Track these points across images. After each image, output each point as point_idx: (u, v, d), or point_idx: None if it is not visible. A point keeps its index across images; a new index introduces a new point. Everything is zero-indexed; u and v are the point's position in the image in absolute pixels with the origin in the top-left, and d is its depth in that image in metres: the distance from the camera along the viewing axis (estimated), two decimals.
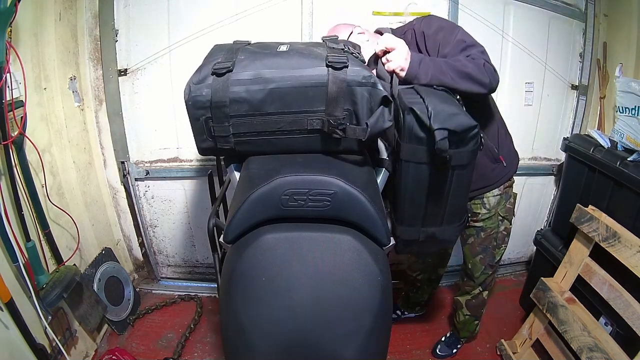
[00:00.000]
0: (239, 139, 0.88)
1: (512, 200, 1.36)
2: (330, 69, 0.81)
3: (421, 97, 0.89)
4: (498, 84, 1.06)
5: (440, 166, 0.87)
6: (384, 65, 1.00)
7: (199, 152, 0.94)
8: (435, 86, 0.99)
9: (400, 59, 0.98)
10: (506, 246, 1.42)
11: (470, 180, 0.94)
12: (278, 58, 0.84)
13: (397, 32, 1.20)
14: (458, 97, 1.00)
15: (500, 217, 1.34)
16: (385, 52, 0.99)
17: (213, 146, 0.90)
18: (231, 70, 0.82)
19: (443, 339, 1.66)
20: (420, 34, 1.13)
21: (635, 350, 1.15)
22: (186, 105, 0.86)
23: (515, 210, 1.41)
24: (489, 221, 1.33)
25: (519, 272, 2.15)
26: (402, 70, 0.99)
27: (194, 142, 0.92)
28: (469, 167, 0.91)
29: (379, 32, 1.23)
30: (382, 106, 0.84)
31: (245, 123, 0.85)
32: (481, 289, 1.49)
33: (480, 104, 1.18)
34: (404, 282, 1.79)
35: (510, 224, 1.39)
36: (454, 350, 1.64)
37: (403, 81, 1.00)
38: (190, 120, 0.88)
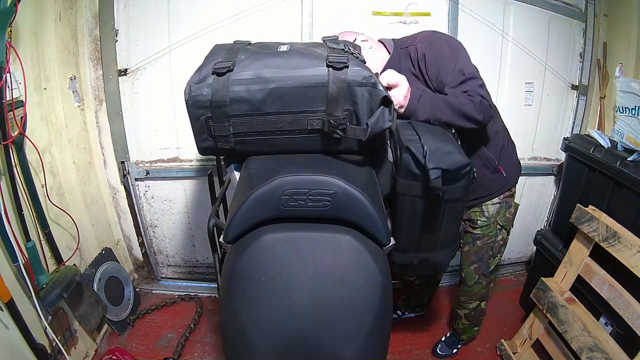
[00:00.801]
0: (239, 139, 0.88)
1: (513, 210, 1.38)
2: (330, 69, 0.81)
3: (417, 134, 0.94)
4: (491, 118, 1.11)
5: (434, 200, 0.91)
6: None
7: (199, 151, 0.94)
8: (431, 121, 1.03)
9: (400, 96, 1.00)
10: (501, 256, 1.45)
11: (462, 210, 1.01)
12: (278, 58, 0.84)
13: (400, 44, 1.21)
14: (453, 130, 1.05)
15: (498, 226, 1.36)
16: (388, 88, 1.00)
17: (213, 146, 0.90)
18: (231, 70, 0.82)
19: (443, 338, 1.66)
20: (422, 56, 1.15)
21: (635, 350, 1.15)
22: (186, 104, 0.86)
23: (514, 218, 1.42)
24: (487, 229, 1.35)
25: (519, 272, 2.15)
26: (401, 107, 1.02)
27: (194, 141, 0.92)
28: (462, 200, 0.96)
29: (382, 42, 1.24)
30: (382, 106, 0.84)
31: (246, 123, 0.85)
32: (479, 302, 1.51)
33: None
34: (403, 283, 1.79)
35: (508, 234, 1.41)
36: (454, 351, 1.64)
37: (402, 115, 1.04)
38: (190, 120, 0.88)
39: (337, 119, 0.83)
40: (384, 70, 1.07)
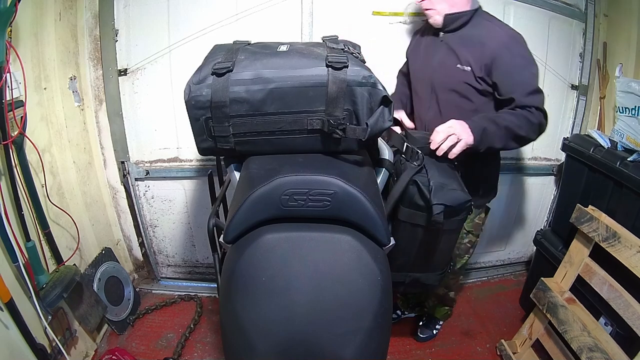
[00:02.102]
0: (239, 139, 0.88)
1: (483, 215, 1.45)
2: (330, 69, 0.81)
3: (424, 167, 0.99)
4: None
5: (432, 230, 0.97)
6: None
7: (199, 152, 0.94)
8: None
9: (463, 134, 1.06)
10: (469, 257, 1.51)
11: (457, 239, 1.08)
12: (278, 58, 0.84)
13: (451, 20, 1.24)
14: (456, 163, 1.10)
15: (465, 231, 1.42)
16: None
17: (213, 146, 0.90)
18: (231, 70, 0.82)
19: (420, 323, 1.71)
20: (491, 55, 1.18)
21: (635, 351, 1.15)
22: (186, 105, 0.86)
23: (483, 226, 1.49)
24: None
25: (519, 272, 2.15)
26: (469, 145, 1.08)
27: (194, 142, 0.92)
28: (458, 231, 1.03)
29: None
30: (382, 106, 0.84)
31: (246, 123, 0.85)
32: (446, 290, 1.56)
33: None
34: None
35: (476, 238, 1.47)
36: (435, 331, 1.69)
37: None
38: (190, 120, 0.88)
39: (337, 119, 0.83)
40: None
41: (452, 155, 1.06)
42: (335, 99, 0.82)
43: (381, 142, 1.07)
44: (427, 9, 1.26)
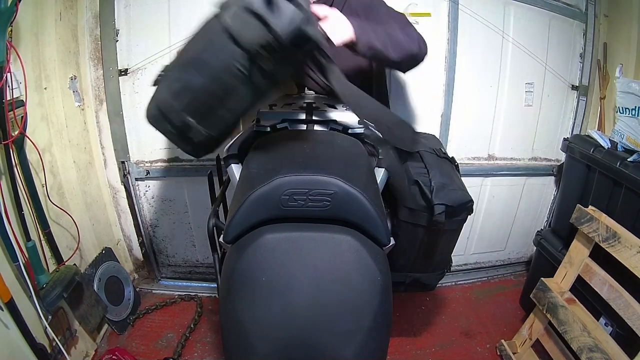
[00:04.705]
0: (206, 123, 0.80)
1: None
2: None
3: (426, 168, 0.99)
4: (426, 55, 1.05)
5: (433, 230, 0.97)
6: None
7: (193, 156, 0.91)
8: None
9: (344, 22, 0.90)
10: None
11: (456, 239, 1.07)
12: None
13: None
14: (457, 164, 1.09)
15: None
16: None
17: (195, 146, 0.86)
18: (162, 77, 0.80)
19: None
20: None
21: (635, 351, 1.15)
22: (151, 125, 0.84)
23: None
24: None
25: (519, 272, 2.15)
26: (352, 41, 0.90)
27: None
28: (458, 230, 1.03)
29: None
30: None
31: (198, 106, 0.79)
32: None
33: None
34: None
35: None
36: None
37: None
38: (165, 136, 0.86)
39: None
40: None
41: (338, 40, 0.88)
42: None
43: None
44: None
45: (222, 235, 0.84)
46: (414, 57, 1.01)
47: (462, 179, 1.05)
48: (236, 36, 0.70)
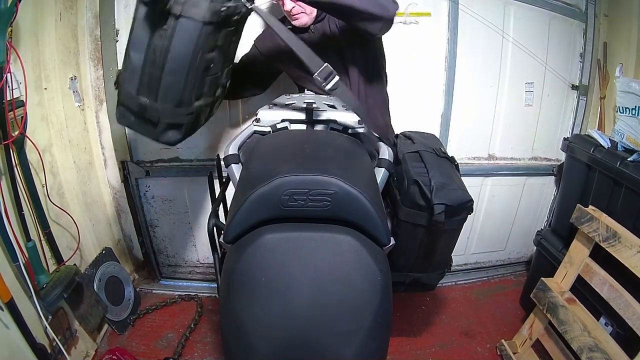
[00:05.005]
0: (157, 96, 0.81)
1: None
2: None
3: (426, 167, 0.99)
4: (394, 14, 1.03)
5: (433, 229, 0.97)
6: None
7: (166, 143, 0.90)
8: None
9: None
10: None
11: (457, 238, 1.06)
12: None
13: None
14: (457, 163, 1.09)
15: None
16: None
17: (161, 128, 0.85)
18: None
19: None
20: None
21: (635, 351, 1.15)
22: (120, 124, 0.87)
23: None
24: None
25: (519, 272, 2.15)
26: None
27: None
28: (458, 230, 1.03)
29: None
30: None
31: (145, 80, 0.80)
32: None
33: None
34: None
35: None
36: None
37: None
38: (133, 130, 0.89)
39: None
40: None
41: None
42: None
43: (381, 142, 1.07)
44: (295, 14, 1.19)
45: (222, 235, 0.84)
46: (379, 5, 0.98)
47: (462, 178, 1.05)
48: None
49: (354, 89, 1.25)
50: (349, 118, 1.07)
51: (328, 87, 0.91)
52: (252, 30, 1.38)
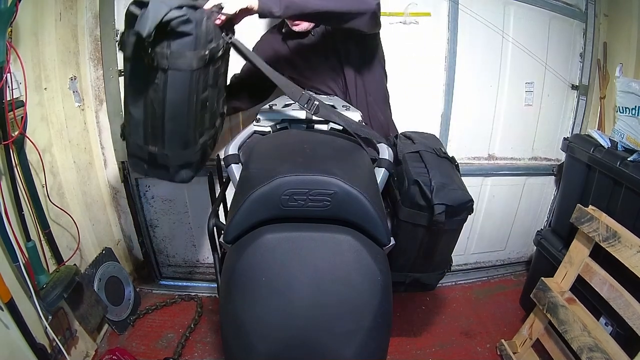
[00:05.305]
0: (164, 144, 0.86)
1: None
2: None
3: (426, 167, 0.99)
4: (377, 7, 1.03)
5: (433, 230, 0.97)
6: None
7: (179, 182, 0.96)
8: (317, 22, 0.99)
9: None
10: None
11: (457, 238, 1.06)
12: None
13: None
14: (457, 163, 1.09)
15: None
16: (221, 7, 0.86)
17: (173, 169, 0.91)
18: None
19: None
20: None
21: (635, 350, 1.15)
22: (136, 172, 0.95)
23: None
24: None
25: (519, 272, 2.15)
26: (251, 7, 0.87)
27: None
28: (458, 230, 1.04)
29: None
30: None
31: (149, 131, 0.85)
32: None
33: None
34: None
35: None
36: None
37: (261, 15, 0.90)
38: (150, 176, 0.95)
39: None
40: None
41: (230, 10, 0.85)
42: None
43: (381, 143, 1.07)
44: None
45: (222, 236, 0.84)
46: (357, 1, 0.97)
47: (462, 178, 1.05)
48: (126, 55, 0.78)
49: (350, 86, 1.25)
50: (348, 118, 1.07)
51: (312, 111, 0.98)
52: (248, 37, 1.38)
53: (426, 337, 1.71)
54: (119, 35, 0.79)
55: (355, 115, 1.10)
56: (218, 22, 0.84)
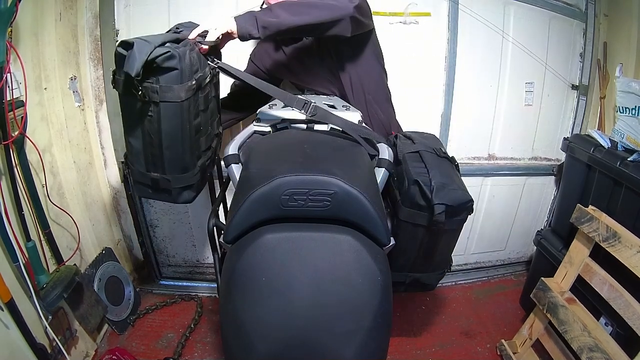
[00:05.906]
0: (164, 169, 0.91)
1: None
2: None
3: (426, 167, 1.00)
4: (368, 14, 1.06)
5: (433, 230, 0.98)
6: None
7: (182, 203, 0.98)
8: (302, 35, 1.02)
9: (219, 26, 0.92)
10: None
11: (457, 238, 1.07)
12: None
13: None
14: (457, 163, 1.09)
15: None
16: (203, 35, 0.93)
17: (175, 192, 0.95)
18: None
19: None
20: None
21: (635, 351, 1.15)
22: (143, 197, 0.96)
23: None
24: None
25: (519, 272, 2.16)
26: (231, 32, 0.93)
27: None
28: (458, 230, 1.04)
29: None
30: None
31: (149, 159, 0.90)
32: None
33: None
34: None
35: None
36: None
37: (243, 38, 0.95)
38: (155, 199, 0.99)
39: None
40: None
41: (212, 37, 0.91)
42: None
43: (381, 144, 1.07)
44: None
45: (222, 236, 0.84)
46: (330, 9, 0.98)
47: (462, 178, 1.05)
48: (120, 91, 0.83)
49: (347, 86, 1.25)
50: (349, 118, 1.07)
51: (309, 115, 1.01)
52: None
53: (426, 337, 1.71)
54: (111, 73, 0.85)
55: (355, 115, 1.10)
56: (203, 50, 0.90)
